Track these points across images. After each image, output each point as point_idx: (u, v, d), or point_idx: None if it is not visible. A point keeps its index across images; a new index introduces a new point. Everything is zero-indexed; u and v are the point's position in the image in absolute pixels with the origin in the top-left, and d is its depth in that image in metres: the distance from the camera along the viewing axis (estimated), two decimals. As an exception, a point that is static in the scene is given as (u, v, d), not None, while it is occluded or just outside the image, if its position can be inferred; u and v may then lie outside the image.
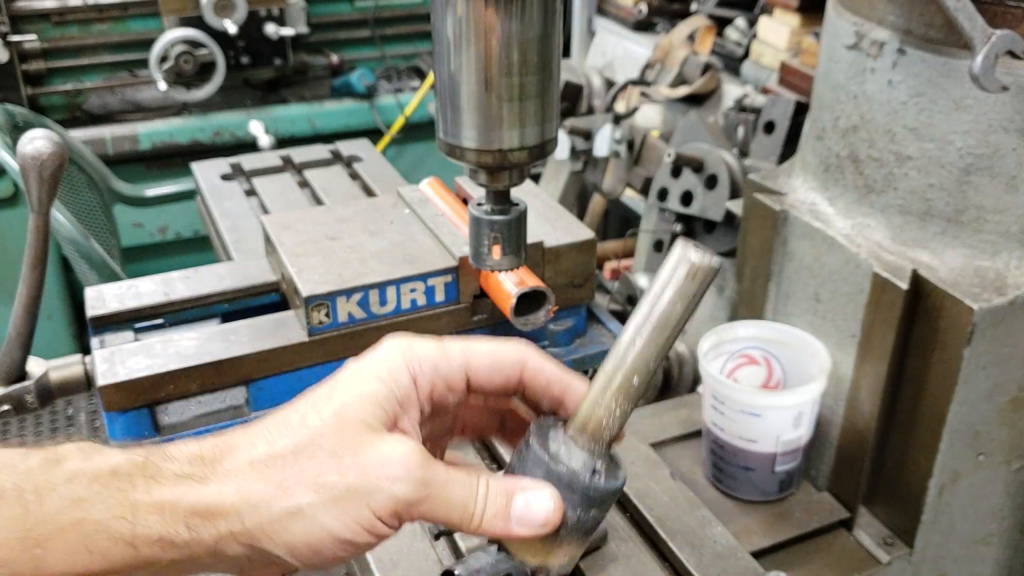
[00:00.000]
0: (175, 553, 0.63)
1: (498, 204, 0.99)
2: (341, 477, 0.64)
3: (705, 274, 0.68)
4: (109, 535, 0.61)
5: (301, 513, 0.64)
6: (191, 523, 0.63)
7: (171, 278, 1.43)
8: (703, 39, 2.53)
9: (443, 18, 0.87)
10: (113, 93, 3.54)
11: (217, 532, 0.64)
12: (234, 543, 0.64)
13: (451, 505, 0.67)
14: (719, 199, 1.85)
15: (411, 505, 0.65)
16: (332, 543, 0.64)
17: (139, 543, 0.62)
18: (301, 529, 0.64)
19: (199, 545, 0.64)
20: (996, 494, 1.36)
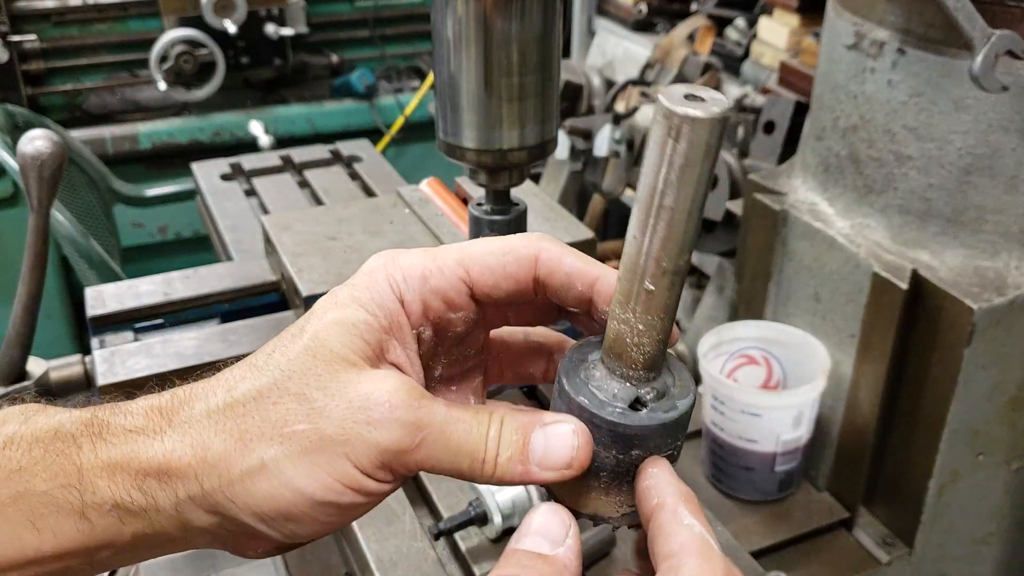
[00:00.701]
0: (135, 525, 0.53)
1: (498, 204, 0.99)
2: (311, 424, 0.52)
3: (699, 128, 0.47)
4: (57, 507, 0.52)
5: (264, 470, 0.52)
6: (145, 486, 0.53)
7: (171, 278, 1.43)
8: (703, 39, 2.53)
9: (443, 18, 0.87)
10: (113, 93, 3.54)
11: (176, 497, 0.53)
12: (198, 510, 0.54)
13: (456, 450, 0.54)
14: (719, 199, 1.85)
15: (402, 454, 0.52)
16: (307, 506, 0.53)
17: (91, 514, 0.52)
18: (266, 490, 0.52)
19: (159, 513, 0.54)
20: (996, 494, 1.36)
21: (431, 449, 0.54)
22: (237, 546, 0.57)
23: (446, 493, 1.14)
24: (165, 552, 0.57)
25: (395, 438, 0.53)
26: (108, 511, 0.53)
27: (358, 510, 0.55)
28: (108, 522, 0.53)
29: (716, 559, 0.50)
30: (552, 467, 0.54)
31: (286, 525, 0.54)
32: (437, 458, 0.54)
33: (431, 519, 1.12)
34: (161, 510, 0.54)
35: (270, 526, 0.54)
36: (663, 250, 0.52)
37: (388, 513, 1.10)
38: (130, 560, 0.57)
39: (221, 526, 0.55)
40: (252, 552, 0.58)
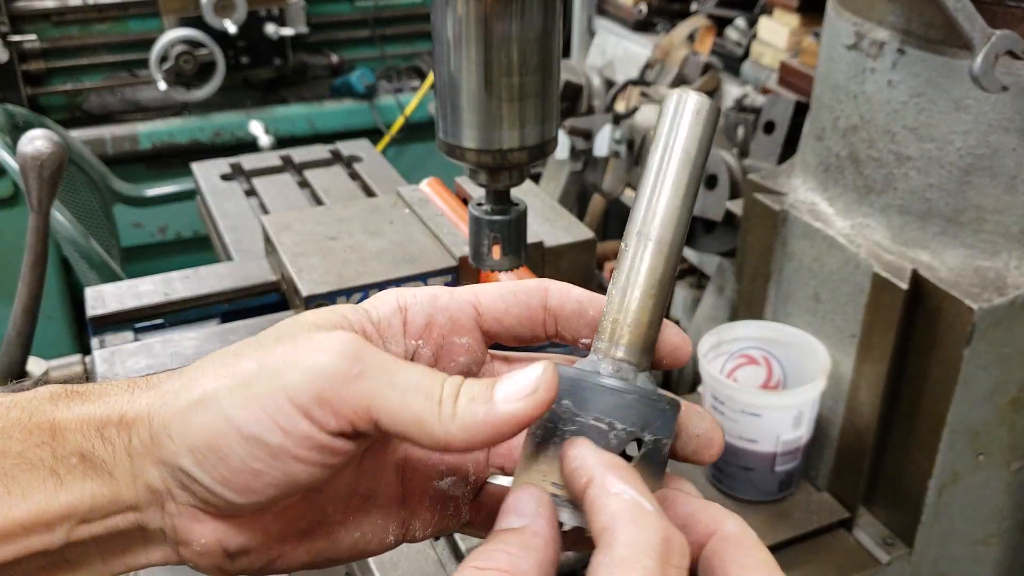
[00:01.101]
0: (95, 483, 0.52)
1: (498, 204, 0.99)
2: (256, 362, 0.51)
3: (711, 117, 0.54)
4: (30, 465, 0.51)
5: (203, 401, 0.50)
6: (106, 433, 0.52)
7: (171, 278, 1.43)
8: (703, 39, 2.53)
9: (443, 18, 0.87)
10: (113, 93, 3.54)
11: (129, 443, 0.52)
12: (147, 459, 0.52)
13: (405, 386, 0.49)
14: (719, 199, 1.85)
15: (339, 383, 0.48)
16: (234, 438, 0.49)
17: (60, 468, 0.51)
18: (200, 421, 0.50)
19: (117, 466, 0.52)
20: (996, 494, 1.36)
21: (375, 383, 0.49)
22: (181, 529, 0.54)
23: (446, 493, 1.14)
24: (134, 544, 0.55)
25: (331, 361, 0.49)
26: (74, 465, 0.52)
27: (292, 465, 0.50)
28: (73, 478, 0.52)
29: (650, 523, 0.46)
30: (517, 396, 0.49)
31: (216, 465, 0.50)
32: (384, 395, 0.49)
33: (431, 519, 1.12)
34: (118, 460, 0.52)
35: (202, 467, 0.50)
36: (662, 221, 0.53)
37: (388, 513, 1.10)
38: (91, 554, 0.54)
39: (164, 480, 0.52)
40: (196, 544, 0.54)
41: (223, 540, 0.53)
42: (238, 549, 0.54)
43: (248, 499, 0.51)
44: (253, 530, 0.54)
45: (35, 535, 0.52)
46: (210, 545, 0.53)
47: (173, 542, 0.54)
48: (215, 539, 0.53)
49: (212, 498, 0.51)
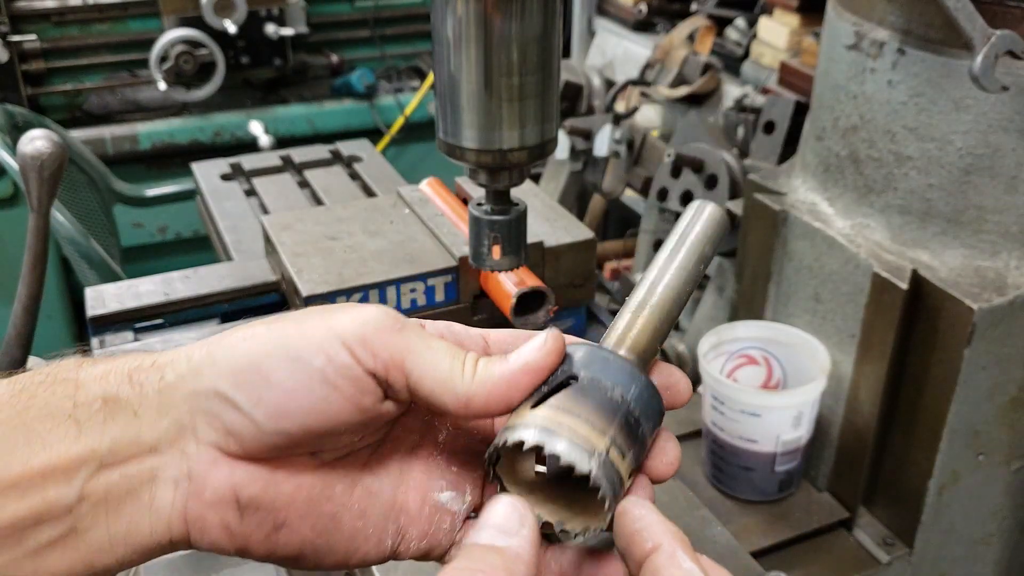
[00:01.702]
0: (116, 427, 0.53)
1: (498, 204, 0.99)
2: (306, 314, 0.56)
3: (723, 223, 0.63)
4: (50, 415, 0.52)
5: (253, 335, 0.55)
6: (135, 377, 0.54)
7: (171, 278, 1.43)
8: (703, 39, 2.53)
9: (443, 18, 0.87)
10: (113, 93, 3.54)
11: (162, 380, 0.54)
12: (179, 393, 0.54)
13: (436, 349, 0.55)
14: (719, 199, 1.85)
15: (382, 331, 0.54)
16: (283, 363, 0.53)
17: (81, 415, 0.53)
18: (249, 346, 0.54)
19: (143, 404, 0.54)
20: (996, 494, 1.36)
21: (412, 338, 0.55)
22: (197, 474, 0.54)
23: (446, 493, 1.14)
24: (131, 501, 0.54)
25: (377, 314, 0.55)
26: (96, 410, 0.53)
27: (327, 391, 0.53)
28: (95, 423, 0.53)
29: None
30: (529, 351, 0.55)
31: (255, 384, 0.53)
32: (417, 350, 0.54)
33: (431, 519, 1.12)
34: (146, 398, 0.54)
35: (240, 388, 0.53)
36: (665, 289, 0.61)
37: (388, 513, 1.10)
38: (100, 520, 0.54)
39: (192, 414, 0.54)
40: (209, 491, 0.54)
41: (237, 486, 0.54)
42: (249, 501, 0.55)
43: (277, 424, 0.53)
44: (266, 482, 0.55)
45: (52, 485, 0.52)
46: (223, 491, 0.54)
47: (184, 498, 0.54)
48: (229, 485, 0.54)
49: (241, 423, 0.53)
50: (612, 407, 0.55)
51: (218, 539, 0.55)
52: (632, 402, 0.56)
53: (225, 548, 0.56)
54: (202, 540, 0.56)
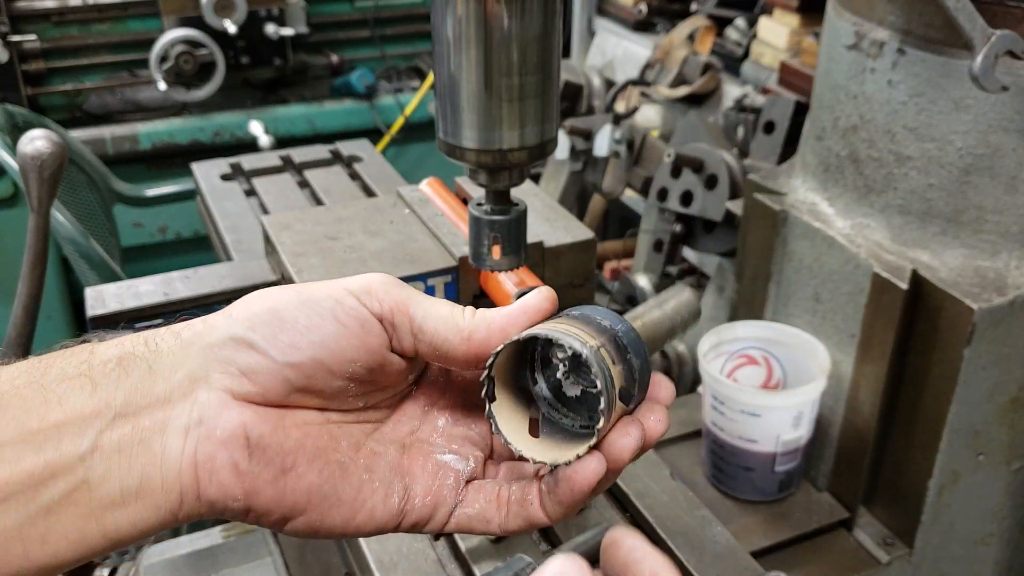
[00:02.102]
0: (131, 380, 0.56)
1: (498, 204, 0.99)
2: (320, 281, 0.62)
3: (695, 310, 0.71)
4: (65, 376, 0.56)
5: (266, 293, 0.60)
6: (151, 339, 0.59)
7: (171, 278, 1.43)
8: (703, 39, 2.53)
9: (443, 18, 0.87)
10: (113, 93, 3.54)
11: (178, 337, 0.58)
12: (194, 351, 0.57)
13: (436, 302, 0.61)
14: (719, 199, 1.85)
15: (386, 284, 0.60)
16: (296, 306, 0.58)
17: (96, 374, 0.56)
18: (263, 297, 0.59)
19: (158, 359, 0.57)
20: (996, 494, 1.36)
21: (412, 291, 0.61)
22: (208, 418, 0.56)
23: (446, 493, 1.14)
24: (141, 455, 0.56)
25: (380, 275, 0.61)
26: (111, 369, 0.56)
27: (336, 328, 0.58)
28: (109, 380, 0.56)
29: None
30: (526, 296, 0.61)
31: (270, 325, 0.57)
32: (419, 299, 0.60)
33: (431, 519, 1.12)
34: (161, 355, 0.58)
35: (255, 330, 0.57)
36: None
37: (388, 513, 1.10)
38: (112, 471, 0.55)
39: (208, 357, 0.57)
40: (220, 430, 0.56)
41: (247, 425, 0.57)
42: (258, 440, 0.57)
43: (290, 356, 0.57)
44: (275, 425, 0.58)
45: (66, 436, 0.54)
46: (234, 428, 0.56)
47: (195, 442, 0.56)
48: (240, 423, 0.57)
49: (256, 360, 0.57)
50: (601, 328, 0.60)
51: (227, 481, 0.56)
52: (620, 331, 0.60)
53: (233, 492, 0.57)
54: (211, 486, 0.56)
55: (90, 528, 0.55)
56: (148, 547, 1.46)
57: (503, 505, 0.62)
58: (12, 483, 0.53)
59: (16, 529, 0.53)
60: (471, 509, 0.62)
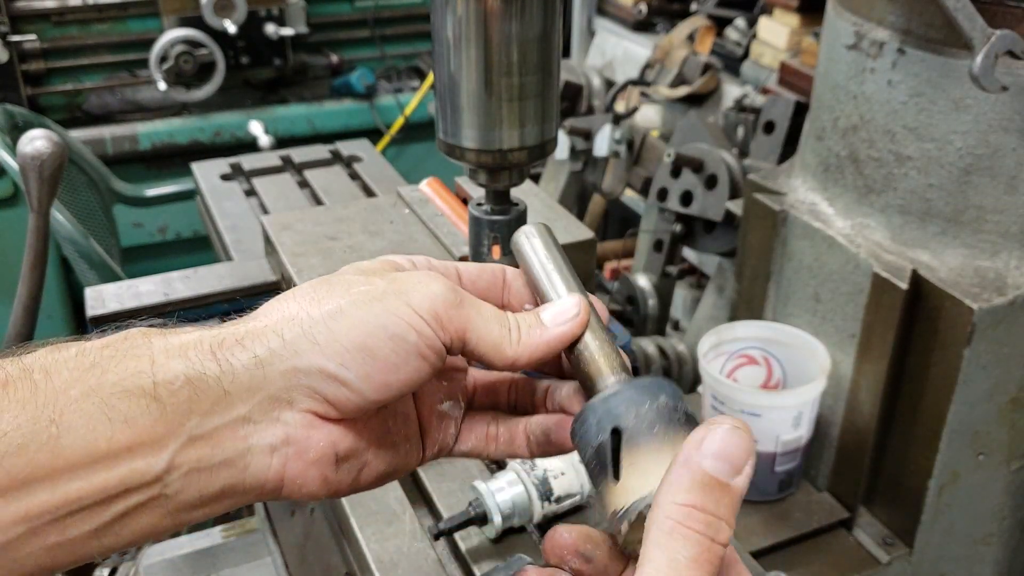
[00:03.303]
0: (205, 402, 0.55)
1: (498, 204, 0.99)
2: (373, 287, 0.61)
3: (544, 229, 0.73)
4: (128, 393, 0.53)
5: (341, 312, 0.59)
6: (220, 354, 0.57)
7: (171, 278, 1.43)
8: (703, 39, 2.53)
9: (443, 18, 0.87)
10: (113, 93, 3.54)
11: (254, 355, 0.57)
12: (273, 368, 0.57)
13: (488, 316, 0.63)
14: (719, 199, 1.85)
15: (448, 306, 0.61)
16: (385, 342, 0.58)
17: (162, 392, 0.54)
18: (346, 326, 0.58)
19: (233, 381, 0.56)
20: (996, 494, 1.36)
21: (470, 311, 0.63)
22: (296, 439, 0.58)
23: (446, 493, 1.14)
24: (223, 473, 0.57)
25: (442, 289, 0.62)
26: (179, 388, 0.55)
27: (418, 363, 0.60)
28: (179, 400, 0.55)
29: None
30: (562, 319, 0.64)
31: (363, 363, 0.58)
32: (475, 322, 0.62)
33: (431, 519, 1.12)
34: (236, 375, 0.56)
35: (348, 367, 0.58)
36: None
37: (388, 513, 1.10)
38: (191, 485, 0.56)
39: (289, 389, 0.58)
40: (313, 450, 0.59)
41: (336, 443, 0.60)
42: (345, 453, 0.61)
43: (381, 395, 0.59)
44: (357, 434, 0.61)
45: (140, 457, 0.54)
46: (325, 449, 0.59)
47: (283, 460, 0.58)
48: (329, 442, 0.59)
49: (347, 396, 0.58)
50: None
51: (315, 490, 0.60)
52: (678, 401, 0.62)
53: (317, 496, 0.61)
54: (295, 493, 0.60)
55: (165, 523, 0.56)
56: (148, 547, 1.46)
57: (491, 441, 0.70)
58: (85, 497, 0.53)
59: (92, 532, 0.54)
60: (465, 446, 0.70)
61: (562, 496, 1.10)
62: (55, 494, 0.52)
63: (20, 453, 0.51)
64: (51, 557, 0.53)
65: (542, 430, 0.67)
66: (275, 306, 0.61)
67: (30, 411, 0.52)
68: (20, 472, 0.51)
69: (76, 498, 0.52)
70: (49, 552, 0.53)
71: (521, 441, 0.69)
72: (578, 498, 1.12)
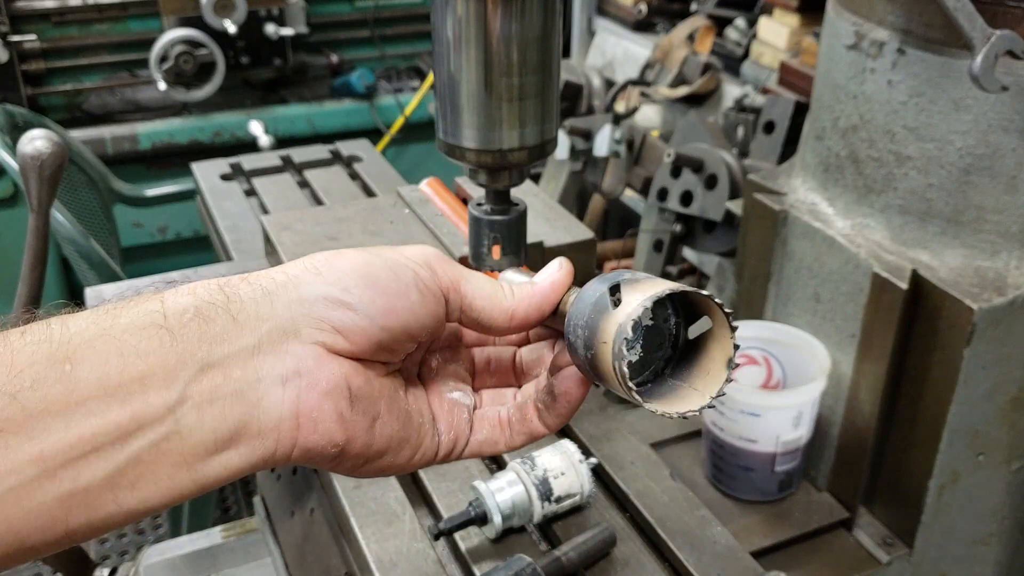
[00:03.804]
0: (212, 329, 0.56)
1: (498, 204, 0.99)
2: (370, 248, 0.65)
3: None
4: (139, 328, 0.55)
5: (341, 254, 0.62)
6: (228, 287, 0.58)
7: (171, 278, 1.43)
8: (703, 39, 2.53)
9: (443, 18, 0.87)
10: (113, 93, 3.54)
11: (260, 287, 0.59)
12: (280, 303, 0.58)
13: (481, 279, 0.67)
14: (719, 199, 1.85)
15: (441, 261, 0.65)
16: (385, 271, 0.61)
17: (173, 324, 0.55)
18: (349, 259, 0.62)
19: (242, 308, 0.57)
20: (996, 494, 1.36)
21: (461, 269, 0.66)
22: (307, 370, 0.58)
23: (446, 493, 1.14)
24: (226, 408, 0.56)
25: (434, 250, 0.65)
26: (189, 319, 0.56)
27: (417, 296, 0.62)
28: (189, 331, 0.56)
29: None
30: (550, 272, 0.68)
31: (367, 288, 0.60)
32: (467, 276, 0.66)
33: (431, 519, 1.12)
34: (244, 304, 0.58)
35: (351, 291, 0.60)
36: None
37: (388, 513, 1.10)
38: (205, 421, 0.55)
39: (298, 312, 0.59)
40: (324, 381, 0.59)
41: (348, 376, 0.60)
42: (357, 390, 0.61)
43: (386, 320, 0.60)
44: (365, 377, 0.61)
45: (152, 389, 0.54)
46: (337, 380, 0.59)
47: (296, 393, 0.58)
48: (341, 374, 0.59)
49: (353, 320, 0.59)
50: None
51: (332, 428, 0.59)
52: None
53: (336, 438, 0.60)
54: (313, 434, 0.59)
55: (180, 475, 0.55)
56: (148, 547, 1.46)
57: (505, 427, 0.70)
58: (99, 435, 0.53)
59: (106, 479, 0.53)
60: (480, 435, 0.70)
61: (562, 496, 1.10)
62: (69, 431, 0.52)
63: (35, 388, 0.51)
64: (65, 511, 0.52)
65: (546, 392, 0.68)
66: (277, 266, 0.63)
67: (45, 350, 0.53)
68: (35, 407, 0.51)
69: (90, 435, 0.52)
70: (63, 504, 0.52)
71: (532, 415, 0.69)
72: (578, 498, 1.12)
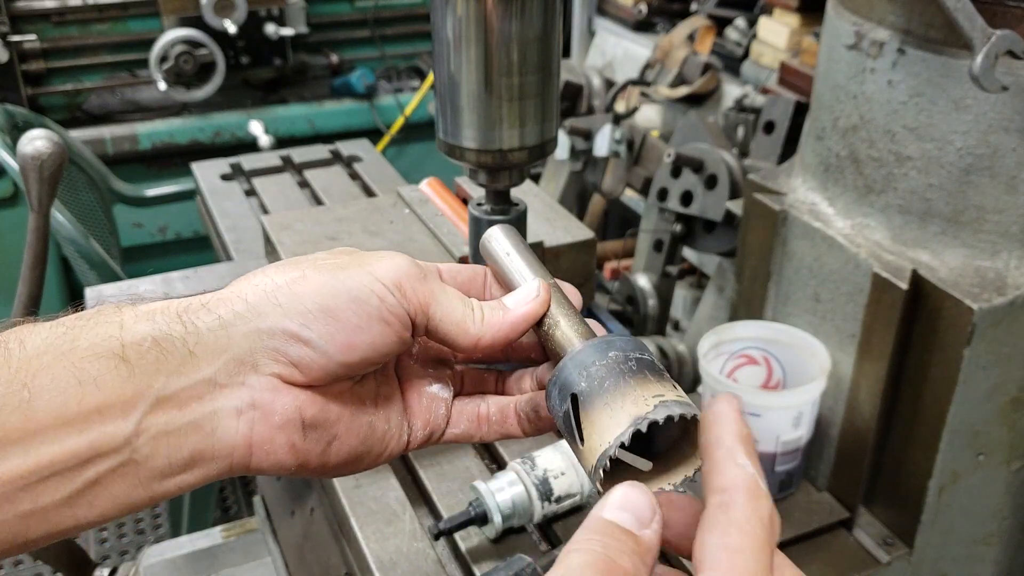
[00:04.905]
0: (171, 363, 0.56)
1: (498, 204, 0.99)
2: (338, 260, 0.63)
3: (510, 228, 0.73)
4: (97, 355, 0.55)
5: (306, 278, 0.60)
6: (186, 317, 0.58)
7: (171, 278, 1.43)
8: (703, 39, 2.53)
9: (443, 18, 0.87)
10: (113, 93, 3.54)
11: (218, 318, 0.58)
12: (237, 328, 0.58)
13: (451, 296, 0.65)
14: (719, 199, 1.85)
15: (412, 279, 0.63)
16: (347, 304, 0.60)
17: (130, 353, 0.55)
18: (309, 289, 0.60)
19: (199, 343, 0.57)
20: (996, 494, 1.36)
21: (433, 286, 0.64)
22: (262, 402, 0.59)
23: (446, 493, 1.14)
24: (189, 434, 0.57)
25: (406, 263, 0.63)
26: (146, 349, 0.56)
27: (382, 328, 0.61)
28: (146, 361, 0.56)
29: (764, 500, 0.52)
30: (524, 301, 0.65)
31: (326, 324, 0.59)
32: (437, 298, 0.64)
33: (431, 519, 1.12)
34: (201, 336, 0.57)
35: (311, 327, 0.59)
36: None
37: (388, 513, 1.10)
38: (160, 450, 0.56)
39: (253, 351, 0.58)
40: (278, 415, 0.59)
41: (302, 408, 0.60)
42: (312, 420, 0.61)
43: (345, 357, 0.60)
44: (325, 403, 0.62)
45: (109, 420, 0.55)
46: (291, 413, 0.60)
47: (250, 424, 0.58)
48: (295, 407, 0.60)
49: (311, 357, 0.59)
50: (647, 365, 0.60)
51: (283, 459, 0.61)
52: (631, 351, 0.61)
53: (286, 466, 0.61)
54: (265, 462, 0.60)
55: (137, 492, 0.57)
56: (148, 547, 1.46)
57: (483, 422, 0.70)
58: (57, 462, 0.53)
59: (65, 499, 0.54)
60: (457, 429, 0.70)
61: (562, 496, 1.10)
62: (27, 458, 0.53)
63: None
64: (25, 526, 0.53)
65: (531, 407, 0.68)
66: (243, 279, 0.62)
67: (3, 375, 0.53)
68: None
69: (48, 463, 0.53)
70: (23, 521, 0.53)
71: (512, 420, 0.69)
72: (578, 498, 1.12)
